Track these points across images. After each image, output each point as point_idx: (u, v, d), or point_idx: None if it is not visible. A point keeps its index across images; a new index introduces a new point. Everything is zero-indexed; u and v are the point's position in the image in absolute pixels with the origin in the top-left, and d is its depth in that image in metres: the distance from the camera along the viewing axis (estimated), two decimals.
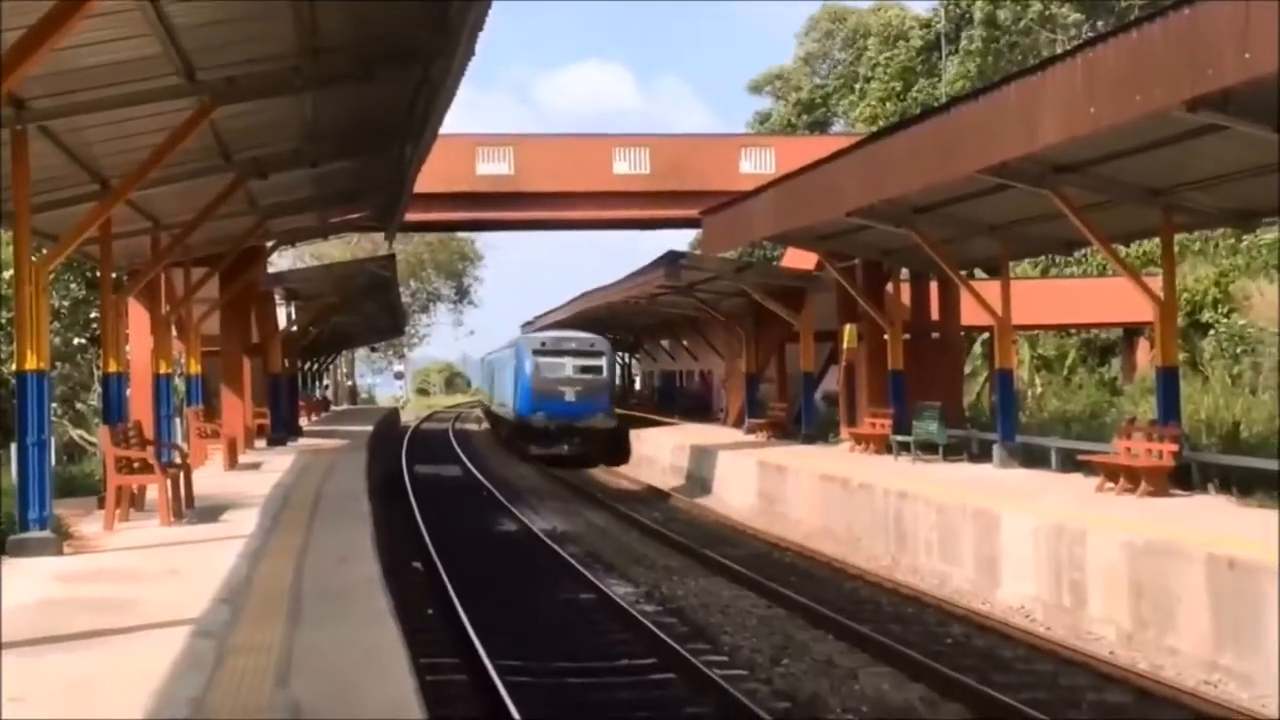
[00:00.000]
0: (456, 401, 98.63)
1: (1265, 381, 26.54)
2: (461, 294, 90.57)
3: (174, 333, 22.94)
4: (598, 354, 37.97)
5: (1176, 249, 19.98)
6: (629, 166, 34.67)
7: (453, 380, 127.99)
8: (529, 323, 60.20)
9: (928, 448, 22.23)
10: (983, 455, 21.76)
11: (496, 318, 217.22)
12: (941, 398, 23.90)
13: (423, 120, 14.20)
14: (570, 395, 36.32)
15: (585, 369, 37.16)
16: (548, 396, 36.26)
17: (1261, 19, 10.54)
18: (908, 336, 25.60)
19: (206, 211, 16.38)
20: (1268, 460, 16.55)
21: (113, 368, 16.12)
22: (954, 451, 22.31)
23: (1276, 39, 10.39)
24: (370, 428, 34.45)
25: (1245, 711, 9.81)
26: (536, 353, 37.33)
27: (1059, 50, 24.27)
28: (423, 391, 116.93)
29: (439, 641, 12.37)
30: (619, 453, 36.78)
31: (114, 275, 17.90)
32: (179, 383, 27.11)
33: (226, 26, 10.69)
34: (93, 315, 28.54)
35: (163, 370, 19.95)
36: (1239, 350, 31.54)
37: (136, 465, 13.42)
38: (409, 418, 65.99)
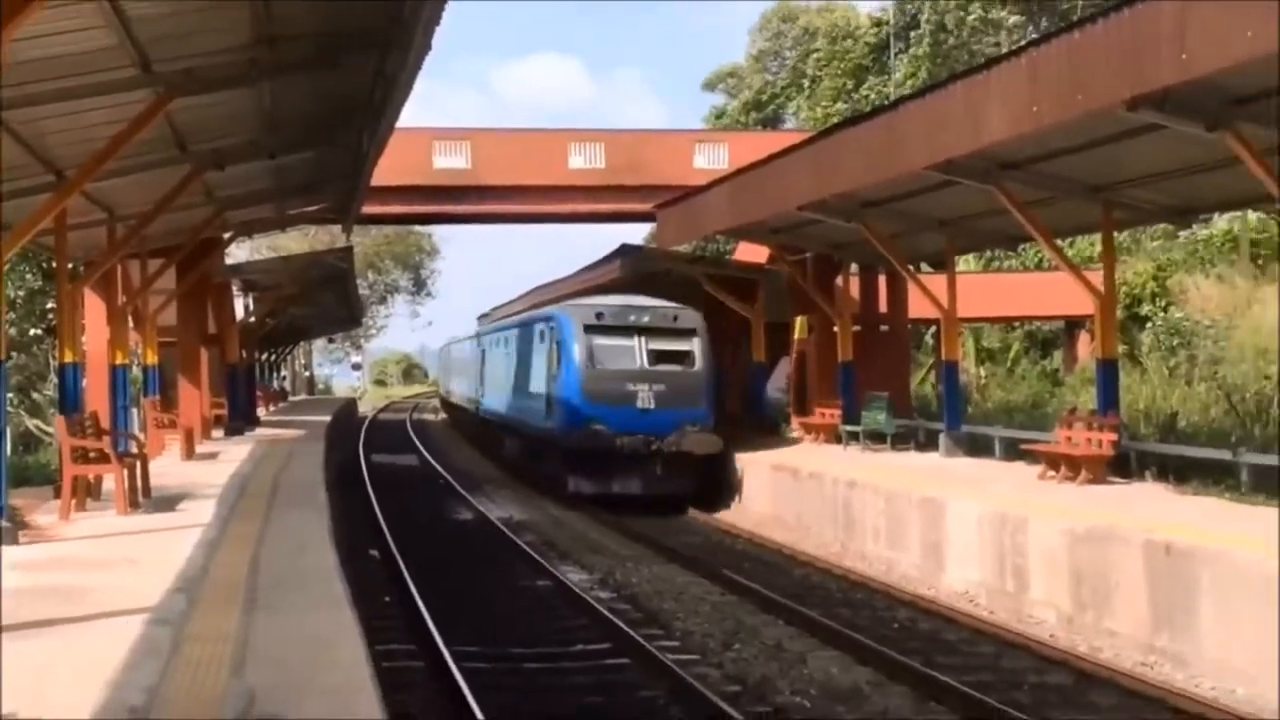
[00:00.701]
0: (414, 392, 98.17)
1: (1201, 372, 26.90)
2: (419, 286, 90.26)
3: (130, 323, 22.65)
4: (686, 332, 23.79)
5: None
6: (584, 161, 34.60)
7: (410, 371, 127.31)
8: (485, 315, 59.90)
9: (876, 437, 22.39)
10: (929, 444, 21.93)
11: (454, 309, 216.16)
12: (889, 388, 24.04)
13: (379, 113, 14.10)
14: (646, 398, 22.50)
15: (667, 355, 23.27)
16: (609, 400, 22.44)
17: (1199, 20, 10.67)
18: (857, 328, 25.74)
19: (163, 203, 16.18)
20: (1203, 449, 16.80)
21: (69, 358, 15.90)
22: (901, 440, 22.47)
23: (1213, 40, 10.52)
24: (328, 418, 34.18)
25: (1179, 691, 9.95)
26: (590, 329, 23.32)
27: (1001, 52, 24.43)
28: (380, 382, 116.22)
29: (395, 629, 12.31)
30: (719, 487, 23.03)
31: (70, 266, 17.65)
32: (137, 373, 26.85)
33: (183, 18, 10.54)
34: (49, 306, 28.15)
35: (119, 361, 19.69)
36: (1175, 343, 31.94)
37: (93, 455, 13.22)
38: (366, 408, 65.62)
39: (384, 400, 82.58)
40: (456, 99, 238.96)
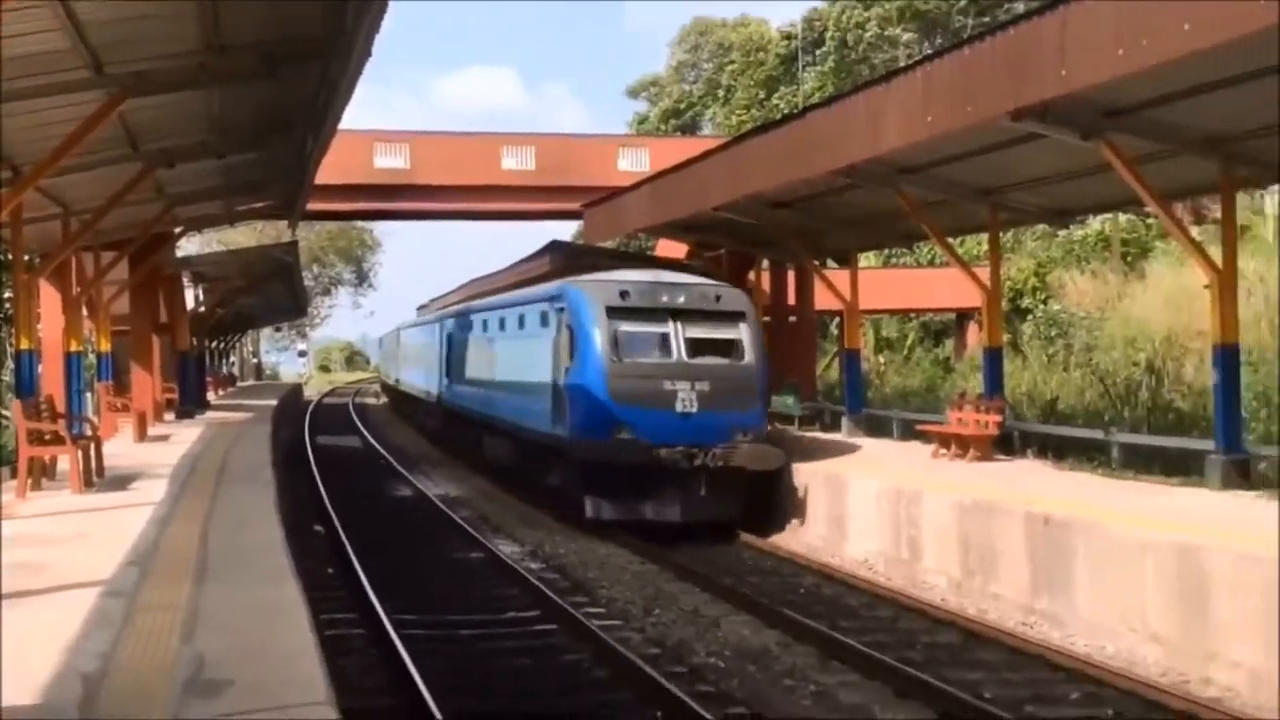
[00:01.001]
0: (357, 378, 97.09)
1: (1076, 360, 27.44)
2: (361, 278, 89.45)
3: (85, 312, 22.14)
4: (731, 316, 17.60)
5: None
6: (516, 163, 34.51)
7: (353, 358, 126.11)
8: (424, 306, 59.17)
9: (785, 419, 22.57)
10: (833, 425, 22.17)
11: (394, 300, 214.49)
12: (797, 374, 24.28)
13: (322, 116, 13.88)
14: (687, 399, 16.61)
15: (711, 345, 17.26)
16: (640, 401, 16.50)
17: (1076, 40, 10.87)
18: (768, 319, 25.89)
19: (115, 199, 15.82)
20: (1079, 429, 17.17)
21: (25, 345, 15.48)
22: (808, 422, 22.70)
23: (1089, 58, 10.73)
24: (275, 402, 33.71)
25: (1056, 648, 10.17)
26: (614, 312, 17.08)
27: (897, 65, 24.68)
28: (325, 369, 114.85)
29: (339, 598, 12.18)
30: (772, 508, 17.14)
31: (26, 258, 17.19)
32: (92, 359, 26.25)
33: (134, 23, 10.28)
34: (5, 295, 27.38)
35: (74, 348, 19.24)
36: (1054, 333, 32.55)
37: (48, 437, 12.95)
38: (311, 393, 64.71)
39: (328, 385, 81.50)
40: (397, 105, 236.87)
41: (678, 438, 16.29)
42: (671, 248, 31.54)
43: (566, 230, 62.47)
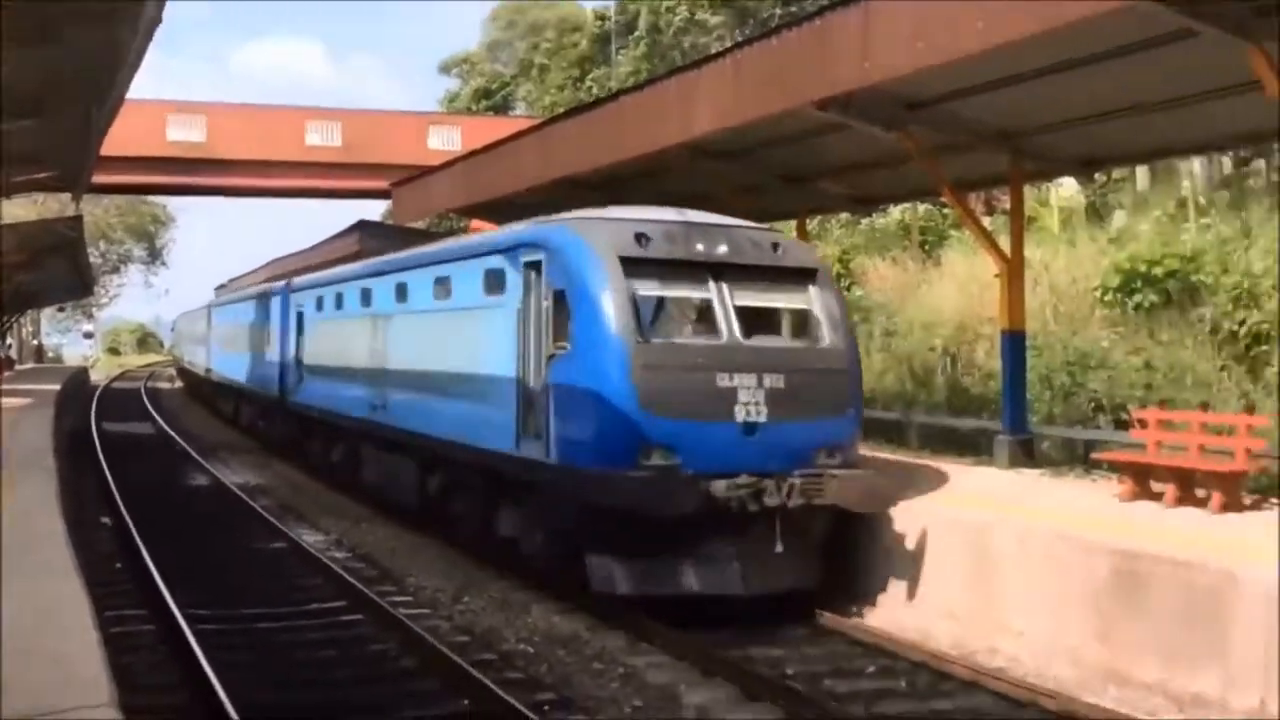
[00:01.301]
0: (149, 361, 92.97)
1: (877, 344, 28.50)
2: (153, 255, 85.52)
3: None
4: (799, 275, 11.73)
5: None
6: (321, 139, 33.72)
7: (145, 340, 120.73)
8: (223, 285, 56.98)
9: None
10: None
11: (192, 279, 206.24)
12: None
13: (108, 83, 13.18)
14: (751, 403, 10.57)
15: (774, 317, 11.85)
16: (683, 408, 10.40)
17: (878, 33, 11.24)
18: None
19: None
20: (880, 412, 17.85)
21: None
22: None
23: (890, 51, 11.12)
24: (58, 386, 31.91)
25: (856, 625, 10.57)
26: (631, 265, 10.79)
27: (706, 49, 25.07)
28: (114, 351, 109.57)
29: (126, 593, 11.65)
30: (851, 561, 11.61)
31: None
32: None
33: None
34: None
35: None
36: (857, 319, 33.67)
37: None
38: (99, 377, 61.61)
39: (118, 369, 77.78)
40: (193, 77, 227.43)
41: (740, 463, 10.48)
42: (485, 229, 31.34)
43: (376, 209, 61.28)
